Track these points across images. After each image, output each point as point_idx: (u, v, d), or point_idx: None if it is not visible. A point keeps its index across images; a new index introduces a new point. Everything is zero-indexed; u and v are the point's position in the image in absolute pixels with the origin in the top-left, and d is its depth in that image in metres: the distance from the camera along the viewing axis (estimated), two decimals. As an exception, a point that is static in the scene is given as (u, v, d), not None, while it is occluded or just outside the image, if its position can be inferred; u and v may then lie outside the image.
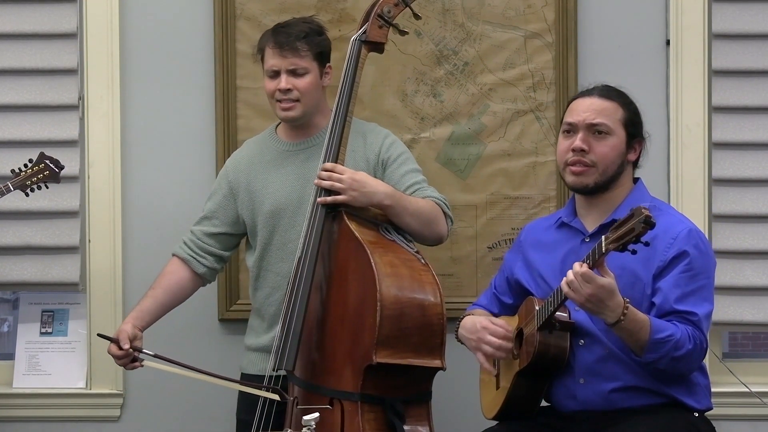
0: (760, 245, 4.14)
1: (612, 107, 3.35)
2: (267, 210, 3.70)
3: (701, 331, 3.22)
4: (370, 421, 3.32)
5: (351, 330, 3.37)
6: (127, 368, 3.60)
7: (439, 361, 3.37)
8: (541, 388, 3.38)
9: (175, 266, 3.74)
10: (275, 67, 3.63)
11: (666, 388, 3.26)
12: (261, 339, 3.75)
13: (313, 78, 3.64)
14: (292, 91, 3.62)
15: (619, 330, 3.12)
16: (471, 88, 4.15)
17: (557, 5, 4.12)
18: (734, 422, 4.09)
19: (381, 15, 3.60)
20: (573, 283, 3.07)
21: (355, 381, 3.32)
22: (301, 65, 3.62)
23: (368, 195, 3.49)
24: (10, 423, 4.19)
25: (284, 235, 3.69)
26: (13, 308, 4.82)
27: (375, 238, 3.44)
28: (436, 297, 3.38)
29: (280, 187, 3.70)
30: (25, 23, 4.18)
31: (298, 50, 3.61)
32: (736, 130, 4.15)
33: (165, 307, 3.71)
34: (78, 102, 4.20)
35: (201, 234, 3.75)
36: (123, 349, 3.53)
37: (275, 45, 3.62)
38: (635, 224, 2.93)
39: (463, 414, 3.92)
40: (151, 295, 3.69)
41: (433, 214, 3.59)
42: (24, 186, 3.92)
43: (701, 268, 3.26)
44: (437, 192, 3.67)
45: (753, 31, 4.15)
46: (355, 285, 3.40)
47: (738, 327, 4.29)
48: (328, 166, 3.51)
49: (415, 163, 3.73)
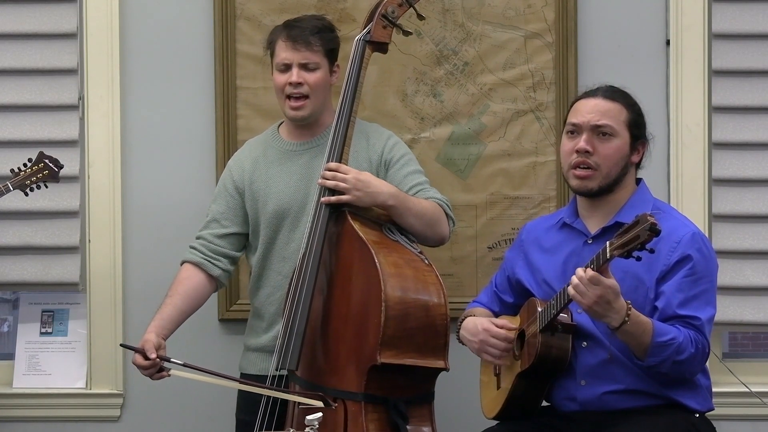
0: (760, 245, 4.14)
1: (616, 109, 3.34)
2: (271, 210, 3.69)
3: (704, 335, 3.22)
4: (374, 421, 3.32)
5: (355, 330, 3.37)
6: (154, 378, 3.51)
7: (442, 361, 3.37)
8: (542, 389, 3.38)
9: (189, 272, 3.67)
10: (287, 60, 3.61)
11: (667, 390, 3.26)
12: (261, 339, 3.74)
13: (323, 74, 3.64)
14: (302, 86, 3.61)
15: (622, 333, 3.12)
16: (471, 88, 4.15)
17: (557, 5, 4.12)
18: (734, 422, 4.08)
19: (385, 15, 3.60)
20: (579, 286, 3.06)
21: (358, 381, 3.32)
22: (313, 60, 3.61)
23: (372, 195, 3.49)
24: (10, 423, 4.18)
25: (287, 235, 3.68)
26: (13, 308, 4.82)
27: (379, 238, 3.44)
28: (440, 298, 3.38)
29: (284, 188, 3.69)
30: (25, 23, 4.18)
31: (311, 44, 3.60)
32: (736, 130, 4.15)
33: (185, 314, 3.65)
34: (78, 102, 4.20)
35: (212, 237, 3.71)
36: (150, 359, 3.46)
37: (288, 38, 3.61)
38: (640, 231, 2.92)
39: (464, 414, 3.92)
40: (169, 303, 3.62)
41: (436, 216, 3.58)
42: (23, 186, 3.92)
43: (704, 272, 3.26)
44: (439, 193, 3.67)
45: (753, 31, 4.15)
46: (359, 285, 3.40)
47: (738, 327, 4.29)
48: (332, 165, 3.50)
49: (417, 164, 3.73)
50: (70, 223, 4.19)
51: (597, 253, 3.05)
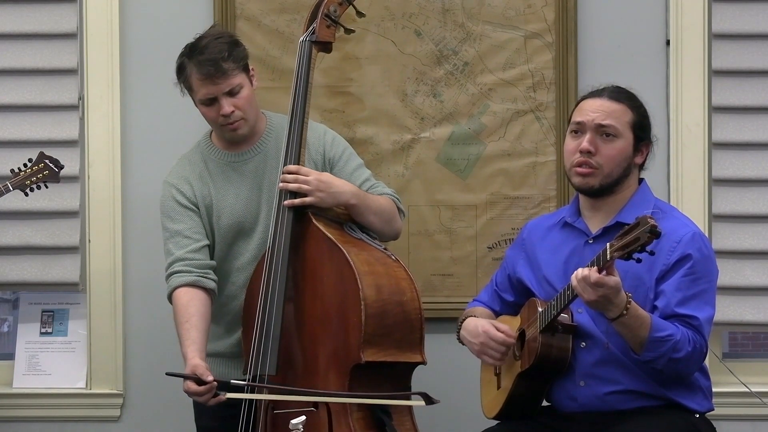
0: (760, 245, 4.13)
1: (621, 109, 3.34)
2: (225, 225, 3.66)
3: (702, 335, 3.21)
4: (359, 420, 3.33)
5: (333, 330, 3.38)
6: (210, 403, 3.41)
7: (419, 355, 3.42)
8: (543, 389, 3.38)
9: (189, 294, 3.56)
10: (210, 95, 3.57)
11: (666, 391, 3.26)
12: (217, 345, 3.70)
13: (248, 90, 3.60)
14: (234, 112, 3.58)
15: (619, 325, 3.12)
16: (471, 88, 4.15)
17: (557, 5, 4.12)
18: (734, 422, 4.08)
19: (328, 14, 3.64)
20: (581, 286, 3.06)
21: (341, 381, 3.33)
22: (235, 83, 3.56)
23: (335, 195, 3.50)
24: (10, 423, 4.18)
25: (242, 246, 3.66)
26: (13, 308, 4.82)
27: (345, 237, 3.46)
28: (413, 292, 3.43)
29: (235, 200, 3.66)
30: (25, 23, 4.18)
31: (227, 72, 3.54)
32: (736, 130, 4.15)
33: (207, 335, 3.55)
34: (78, 102, 4.19)
35: (192, 254, 3.62)
36: (207, 383, 3.38)
37: (203, 75, 3.54)
38: (640, 233, 2.93)
39: (463, 414, 3.92)
40: (192, 327, 3.50)
41: (392, 211, 3.63)
42: (23, 186, 3.92)
43: (704, 272, 3.26)
44: (387, 187, 3.70)
45: (753, 31, 4.14)
46: (331, 285, 3.41)
47: (738, 327, 4.29)
48: (291, 168, 3.50)
49: (358, 158, 3.74)
50: (70, 223, 4.19)
51: (597, 254, 3.05)
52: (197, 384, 3.39)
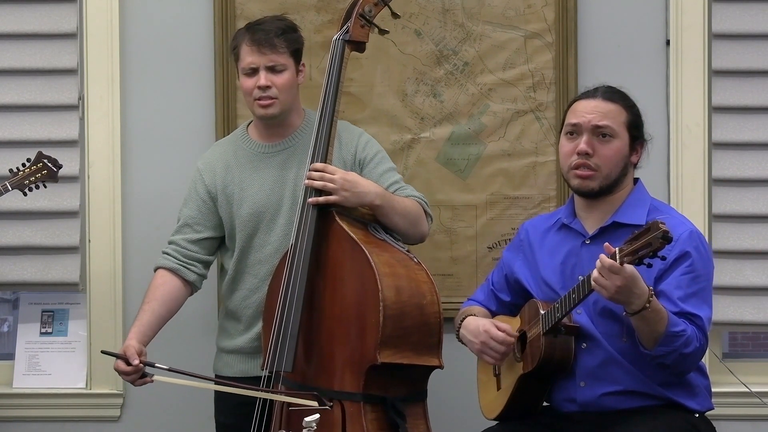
0: (760, 245, 4.14)
1: (616, 110, 3.34)
2: (246, 213, 3.68)
3: (704, 333, 3.22)
4: (373, 421, 3.32)
5: (351, 330, 3.37)
6: (137, 384, 3.50)
7: (437, 360, 3.40)
8: (544, 390, 3.39)
9: (165, 278, 3.67)
10: (253, 64, 3.61)
11: (666, 391, 3.26)
12: (236, 341, 3.72)
13: (290, 75, 3.63)
14: (271, 88, 3.60)
15: (640, 318, 3.09)
16: (471, 88, 4.15)
17: (557, 5, 4.12)
18: (734, 422, 4.09)
19: (363, 14, 3.63)
20: (599, 279, 3.03)
21: (357, 381, 3.33)
22: (279, 62, 3.61)
23: (360, 195, 3.49)
24: (10, 423, 4.19)
25: (263, 238, 3.67)
26: (13, 308, 4.83)
27: (368, 237, 3.45)
28: (433, 296, 3.41)
29: (258, 191, 3.68)
30: (25, 23, 4.18)
31: (276, 47, 3.60)
32: (736, 130, 4.15)
33: (163, 320, 3.65)
34: (78, 102, 4.20)
35: (185, 242, 3.70)
36: (132, 365, 3.45)
37: (252, 42, 3.60)
38: (652, 239, 2.92)
39: (463, 414, 3.92)
40: (147, 309, 3.62)
41: (418, 214, 3.61)
42: (22, 185, 3.92)
43: (702, 271, 3.26)
44: (416, 190, 3.69)
45: (753, 31, 4.15)
46: (352, 285, 3.40)
47: (738, 327, 4.29)
48: (318, 166, 3.50)
49: (390, 162, 3.74)
50: (70, 223, 4.19)
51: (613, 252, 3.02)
52: (126, 364, 3.46)
